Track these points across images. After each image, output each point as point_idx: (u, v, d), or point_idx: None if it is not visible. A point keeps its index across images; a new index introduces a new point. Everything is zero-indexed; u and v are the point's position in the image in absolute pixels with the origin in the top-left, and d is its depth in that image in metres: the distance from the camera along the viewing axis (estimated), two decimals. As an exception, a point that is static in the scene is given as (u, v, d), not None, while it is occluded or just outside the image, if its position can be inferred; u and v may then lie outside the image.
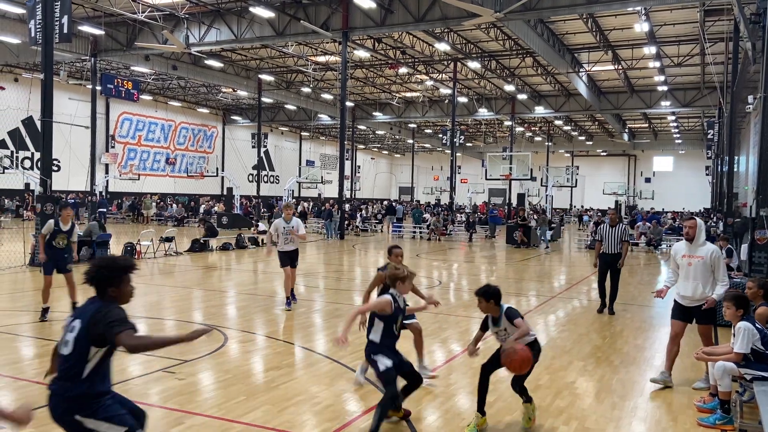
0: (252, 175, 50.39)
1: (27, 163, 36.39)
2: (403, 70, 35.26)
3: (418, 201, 58.33)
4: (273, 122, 52.64)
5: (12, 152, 35.62)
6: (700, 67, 31.32)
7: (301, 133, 61.76)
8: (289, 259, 10.74)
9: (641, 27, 24.45)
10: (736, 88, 22.64)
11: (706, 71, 31.54)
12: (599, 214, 39.08)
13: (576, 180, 37.70)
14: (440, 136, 50.03)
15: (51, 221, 9.44)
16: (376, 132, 59.30)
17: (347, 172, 39.43)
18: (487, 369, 5.25)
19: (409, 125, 56.79)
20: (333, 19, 24.75)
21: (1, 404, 3.50)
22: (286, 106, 47.32)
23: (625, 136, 55.32)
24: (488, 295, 5.04)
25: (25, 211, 32.98)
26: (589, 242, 25.79)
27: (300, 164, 49.74)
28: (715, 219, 28.92)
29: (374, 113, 48.52)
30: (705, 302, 6.40)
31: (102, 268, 3.42)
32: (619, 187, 53.05)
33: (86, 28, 26.03)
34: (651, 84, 37.02)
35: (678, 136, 55.00)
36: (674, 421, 5.70)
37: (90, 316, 3.31)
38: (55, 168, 24.60)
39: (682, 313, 6.63)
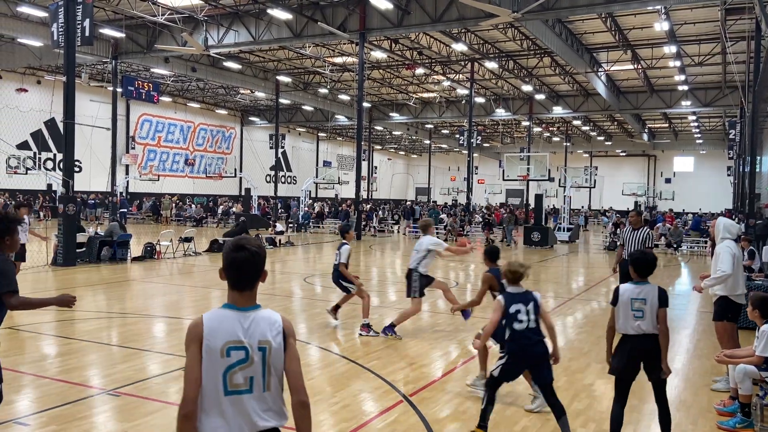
0: (270, 175, 50.64)
1: (49, 164, 36.96)
2: (420, 70, 35.22)
3: (435, 201, 58.26)
4: (290, 123, 52.88)
5: (34, 153, 36.21)
6: (722, 66, 30.89)
7: (318, 134, 61.97)
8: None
9: (661, 26, 24.18)
10: (758, 87, 22.29)
11: (727, 70, 31.10)
12: (617, 215, 38.68)
13: (594, 180, 37.38)
14: (457, 136, 49.88)
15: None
16: (393, 133, 59.31)
17: (364, 172, 39.49)
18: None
19: (426, 126, 56.71)
20: (350, 20, 24.82)
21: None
22: (303, 107, 47.53)
23: (645, 136, 54.73)
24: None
25: (40, 212, 33.57)
26: (607, 243, 25.61)
27: (317, 165, 49.95)
28: (736, 220, 28.52)
29: (391, 114, 48.54)
30: (716, 296, 6.47)
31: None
32: (638, 187, 52.50)
33: (107, 31, 26.37)
34: (671, 83, 36.59)
35: (699, 136, 54.28)
36: (694, 424, 5.65)
37: None
38: (76, 169, 25.01)
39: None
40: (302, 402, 2.53)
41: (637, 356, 4.72)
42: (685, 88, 36.31)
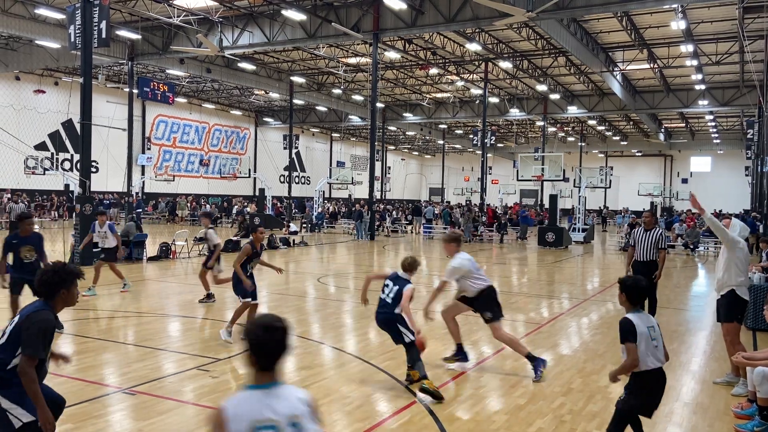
0: (283, 176, 50.85)
1: (66, 165, 37.36)
2: (433, 70, 35.16)
3: (448, 202, 58.13)
4: (304, 124, 53.04)
5: (52, 154, 36.61)
6: (739, 65, 30.52)
7: (332, 135, 62.08)
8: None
9: (678, 25, 23.93)
10: (776, 86, 22.02)
11: (745, 69, 30.73)
12: (632, 215, 38.34)
13: (610, 181, 37.08)
14: (471, 136, 49.73)
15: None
16: (407, 133, 59.27)
17: (377, 173, 39.50)
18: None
19: (440, 126, 56.62)
20: (364, 20, 24.84)
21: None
22: (317, 107, 47.65)
23: (661, 136, 54.21)
24: None
25: (53, 211, 33.98)
26: (623, 244, 25.40)
27: (331, 165, 50.02)
28: (754, 220, 28.13)
29: (405, 114, 48.50)
30: (722, 294, 6.47)
31: (56, 272, 3.76)
32: (654, 188, 52.01)
33: (123, 33, 26.60)
34: (688, 83, 36.21)
35: (716, 135, 53.67)
36: (710, 426, 5.58)
37: (25, 317, 3.64)
38: (93, 169, 25.24)
39: (716, 311, 6.73)
40: None
41: (661, 391, 4.46)
42: (702, 87, 35.91)
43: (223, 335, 7.88)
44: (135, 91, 30.69)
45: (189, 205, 38.58)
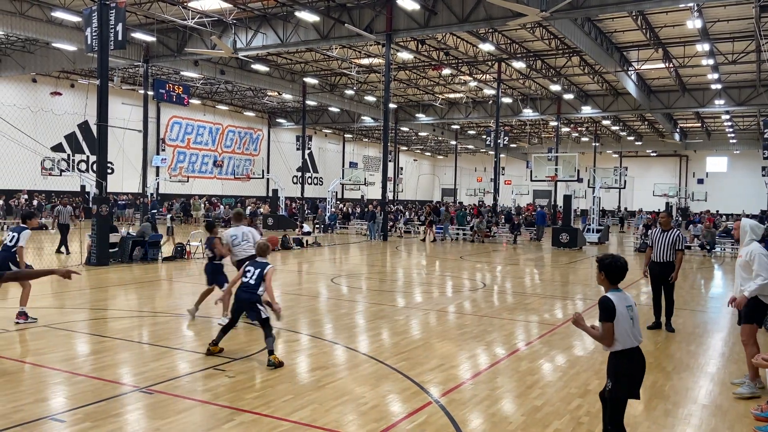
0: (296, 176, 50.99)
1: (82, 166, 37.74)
2: (446, 71, 35.10)
3: (461, 202, 57.97)
4: (317, 125, 53.19)
5: (68, 155, 37.00)
6: (756, 64, 30.19)
7: (345, 135, 62.20)
8: None
9: (693, 24, 23.70)
10: (794, 85, 21.74)
11: (762, 68, 30.41)
12: (647, 216, 38.04)
13: (624, 181, 36.79)
14: (484, 137, 49.61)
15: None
16: (419, 134, 59.24)
17: (390, 173, 39.47)
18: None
19: (453, 126, 56.53)
20: (377, 21, 24.86)
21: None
22: (329, 108, 47.77)
23: (677, 136, 53.73)
24: None
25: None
26: (638, 245, 25.21)
27: (343, 166, 50.13)
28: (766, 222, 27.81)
29: (417, 115, 48.48)
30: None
31: None
32: (669, 188, 51.57)
33: (139, 35, 26.83)
34: (704, 82, 35.86)
35: (732, 135, 53.14)
36: (730, 429, 5.52)
37: None
38: (109, 171, 25.47)
39: (738, 315, 6.64)
40: None
41: (643, 370, 4.40)
42: (719, 86, 35.55)
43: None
44: (150, 92, 30.95)
45: (203, 205, 38.82)
